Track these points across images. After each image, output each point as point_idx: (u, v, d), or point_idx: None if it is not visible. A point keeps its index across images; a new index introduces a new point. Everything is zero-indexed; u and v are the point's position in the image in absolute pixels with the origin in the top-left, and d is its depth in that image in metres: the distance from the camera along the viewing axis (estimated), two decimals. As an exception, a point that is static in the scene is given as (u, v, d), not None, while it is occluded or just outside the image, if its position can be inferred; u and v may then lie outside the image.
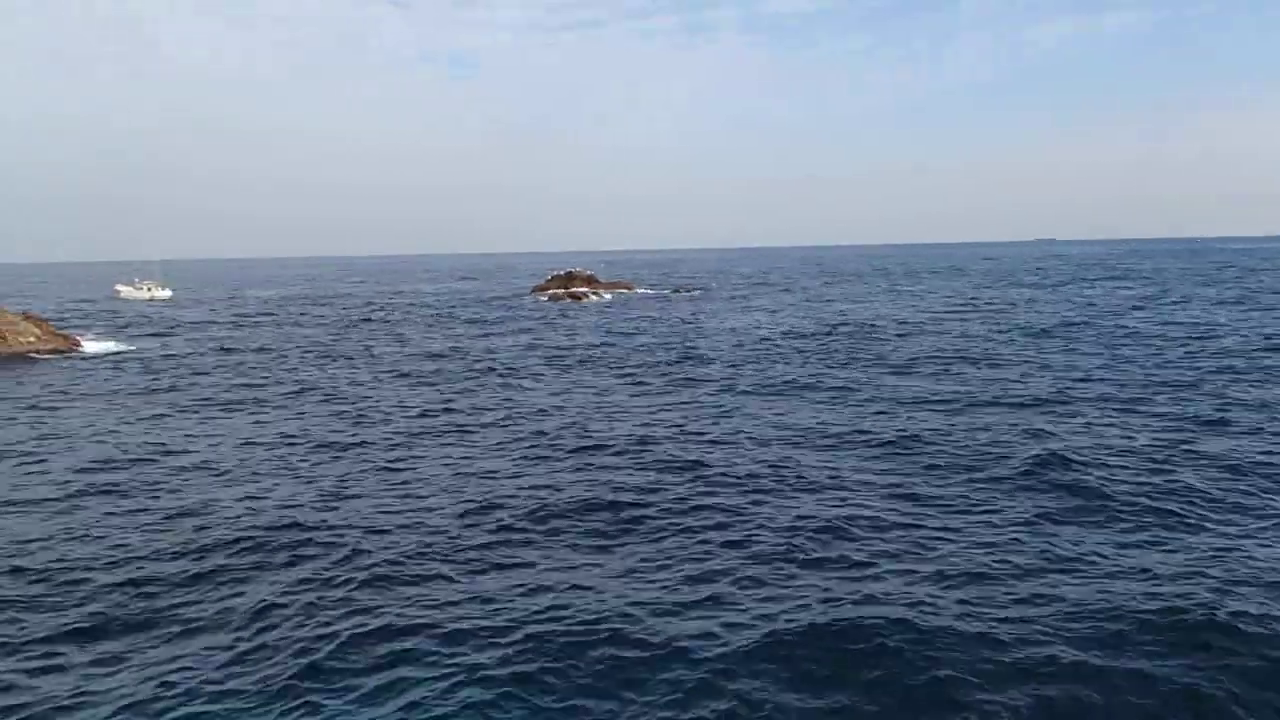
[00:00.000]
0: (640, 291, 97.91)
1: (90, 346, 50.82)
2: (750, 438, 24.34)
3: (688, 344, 47.72)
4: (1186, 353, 38.56)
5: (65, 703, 11.00)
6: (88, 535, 17.07)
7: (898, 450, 22.53)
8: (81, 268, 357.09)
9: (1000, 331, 49.21)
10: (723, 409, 28.87)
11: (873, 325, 54.98)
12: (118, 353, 48.97)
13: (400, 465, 22.42)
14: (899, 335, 48.92)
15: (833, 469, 20.87)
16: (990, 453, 21.74)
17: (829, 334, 50.73)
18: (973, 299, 76.40)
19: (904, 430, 24.48)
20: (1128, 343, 42.60)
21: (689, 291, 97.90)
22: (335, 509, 18.52)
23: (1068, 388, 30.61)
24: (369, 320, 69.42)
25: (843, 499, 18.42)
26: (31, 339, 47.68)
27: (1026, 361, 37.33)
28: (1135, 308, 62.41)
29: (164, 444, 25.06)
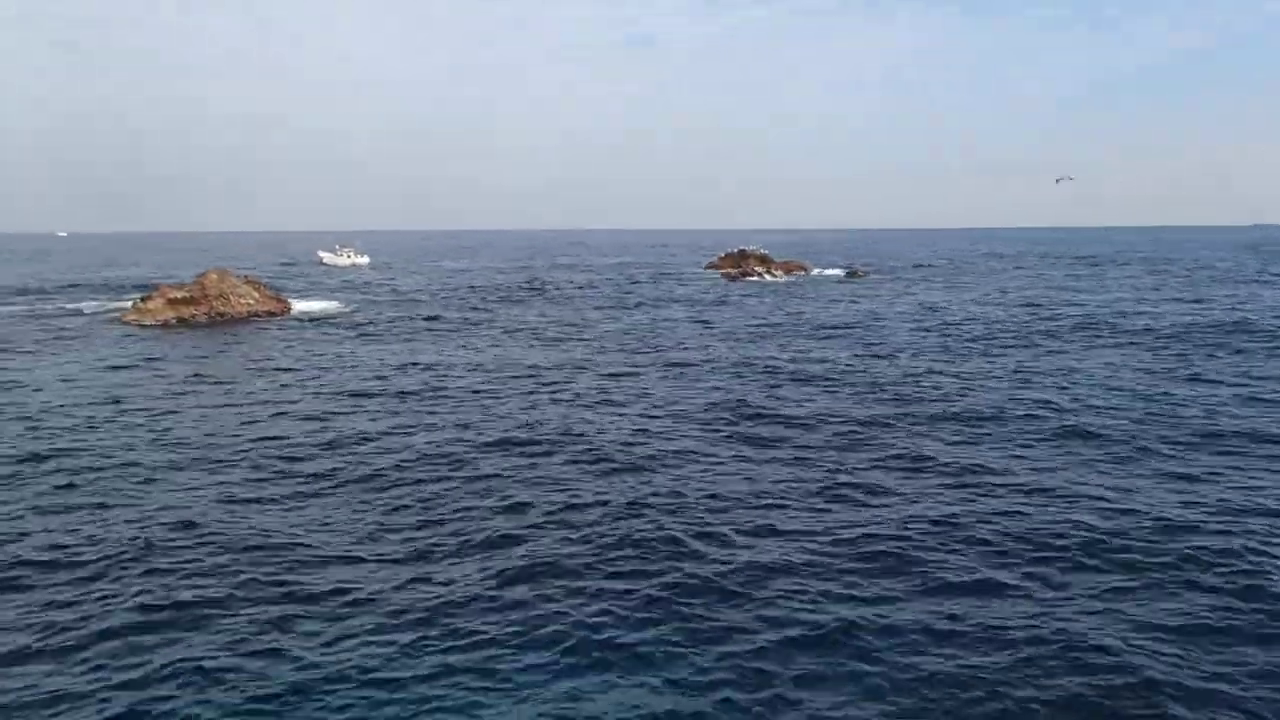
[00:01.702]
0: (817, 272, 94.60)
1: (300, 306, 54.67)
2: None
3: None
4: None
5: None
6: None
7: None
8: (284, 235, 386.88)
9: None
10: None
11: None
12: (330, 315, 52.32)
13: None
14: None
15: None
16: None
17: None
18: None
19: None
20: None
21: (865, 273, 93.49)
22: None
23: None
24: (542, 289, 71.19)
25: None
26: (251, 301, 51.54)
27: None
28: None
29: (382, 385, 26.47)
